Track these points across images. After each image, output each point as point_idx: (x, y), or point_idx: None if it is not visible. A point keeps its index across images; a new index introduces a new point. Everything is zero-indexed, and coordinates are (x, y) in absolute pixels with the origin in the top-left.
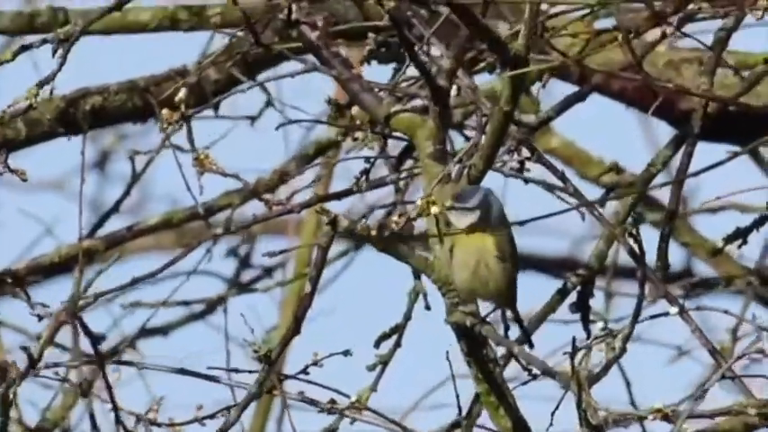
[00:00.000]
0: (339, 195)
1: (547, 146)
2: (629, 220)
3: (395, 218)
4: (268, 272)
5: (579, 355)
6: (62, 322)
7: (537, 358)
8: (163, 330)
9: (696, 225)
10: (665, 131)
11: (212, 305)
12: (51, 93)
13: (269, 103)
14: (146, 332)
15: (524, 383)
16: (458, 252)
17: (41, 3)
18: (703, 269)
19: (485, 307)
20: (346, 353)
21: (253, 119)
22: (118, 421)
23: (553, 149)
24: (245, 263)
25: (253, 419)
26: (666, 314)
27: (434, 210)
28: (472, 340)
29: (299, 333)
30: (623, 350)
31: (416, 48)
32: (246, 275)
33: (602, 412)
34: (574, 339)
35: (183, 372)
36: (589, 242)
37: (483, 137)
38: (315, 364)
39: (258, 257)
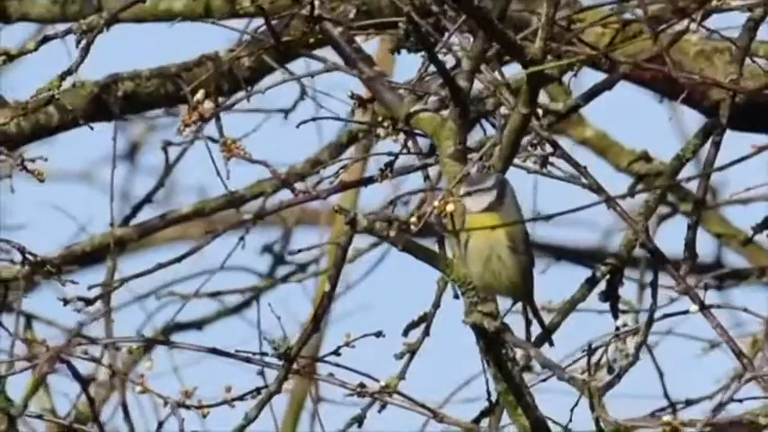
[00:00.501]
0: (364, 183)
1: (581, 136)
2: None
3: (413, 218)
4: (302, 268)
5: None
6: (48, 371)
7: (553, 362)
8: (197, 324)
9: (731, 216)
10: (699, 120)
11: (247, 300)
12: (74, 85)
13: (303, 95)
14: (179, 326)
15: (544, 380)
16: (471, 245)
17: None
18: (737, 260)
19: (503, 306)
20: (379, 334)
21: (286, 112)
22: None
23: (587, 140)
24: (280, 259)
25: (285, 416)
26: (686, 312)
27: (449, 207)
28: (491, 340)
29: (318, 331)
30: (636, 357)
31: (438, 46)
32: (281, 271)
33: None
34: (589, 345)
35: (215, 351)
36: (621, 232)
37: (503, 137)
38: (347, 344)
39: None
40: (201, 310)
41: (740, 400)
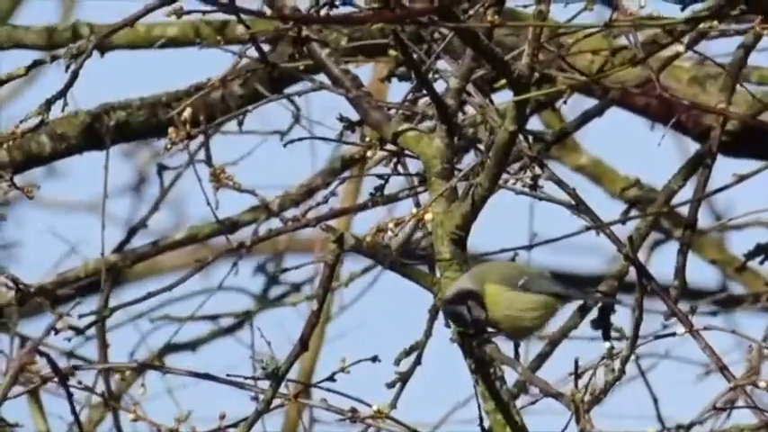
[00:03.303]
0: (353, 210)
1: (575, 163)
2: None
3: (390, 224)
4: (296, 288)
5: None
6: (26, 363)
7: (540, 379)
8: (191, 346)
9: (735, 242)
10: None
11: (240, 321)
12: (63, 109)
13: (297, 120)
14: (173, 347)
15: (532, 403)
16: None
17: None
18: (737, 287)
19: None
20: (374, 359)
21: (282, 134)
22: None
23: (582, 166)
24: (273, 279)
25: None
26: (674, 334)
27: (428, 216)
28: (479, 359)
29: (306, 350)
30: (622, 372)
31: (425, 66)
32: (274, 292)
33: None
34: (576, 361)
35: (208, 377)
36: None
37: (490, 155)
38: (342, 370)
39: (286, 275)
40: (195, 331)
41: (724, 409)
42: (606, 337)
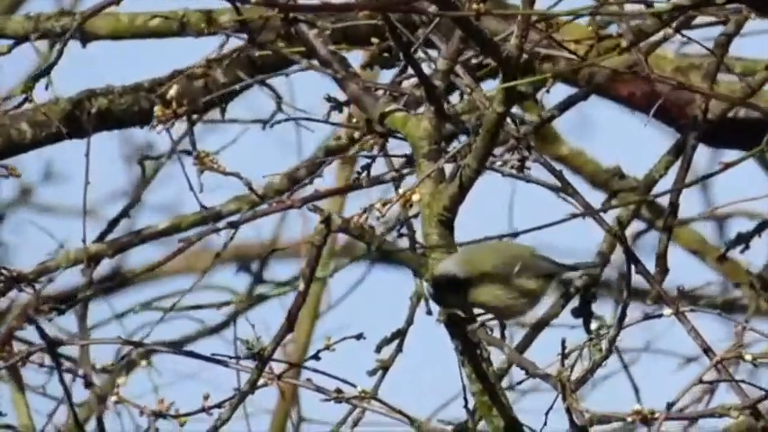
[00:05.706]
0: (339, 192)
1: (557, 153)
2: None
3: (377, 205)
4: (280, 286)
5: (573, 356)
6: (15, 327)
7: (527, 360)
8: (175, 345)
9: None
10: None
11: (226, 321)
12: (47, 87)
13: (279, 107)
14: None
15: (519, 383)
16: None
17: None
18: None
19: None
20: (359, 336)
21: (264, 123)
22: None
23: (563, 157)
24: (257, 278)
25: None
26: (660, 316)
27: (415, 197)
28: (465, 339)
29: (292, 331)
30: (610, 351)
31: (413, 47)
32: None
33: (586, 414)
34: (563, 341)
35: (191, 354)
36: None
37: (478, 136)
38: (327, 348)
39: (269, 274)
40: (179, 331)
41: (710, 383)
42: (587, 326)
